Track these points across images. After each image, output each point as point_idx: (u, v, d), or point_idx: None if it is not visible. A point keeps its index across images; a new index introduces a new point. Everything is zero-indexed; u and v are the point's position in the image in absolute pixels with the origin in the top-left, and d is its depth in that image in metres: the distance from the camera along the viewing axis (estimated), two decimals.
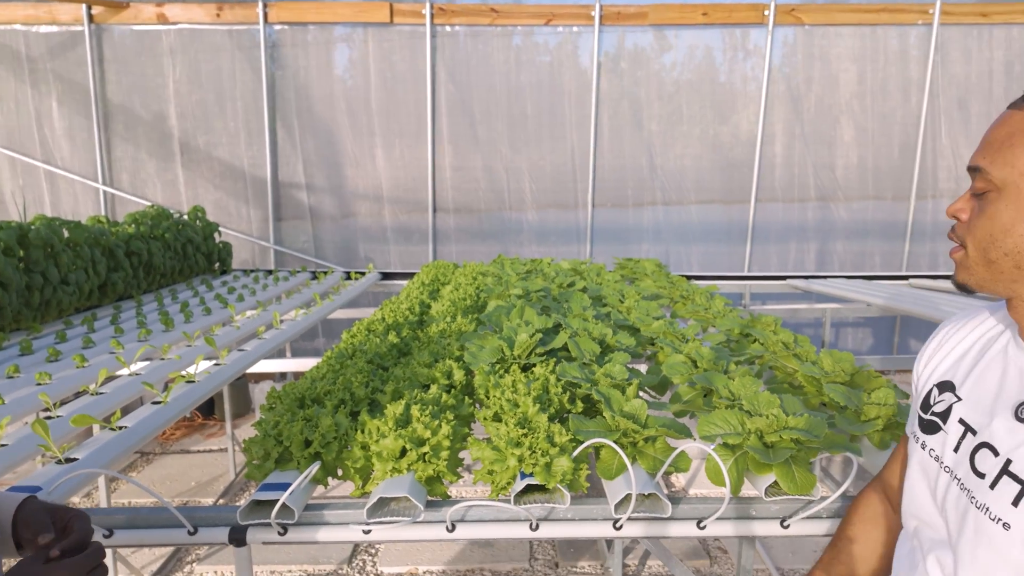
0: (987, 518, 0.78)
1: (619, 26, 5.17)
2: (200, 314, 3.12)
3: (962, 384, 0.91)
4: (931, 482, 0.91)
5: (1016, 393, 0.81)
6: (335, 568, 3.09)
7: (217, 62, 5.18)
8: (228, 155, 5.32)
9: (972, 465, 0.82)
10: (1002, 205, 0.80)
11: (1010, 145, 0.79)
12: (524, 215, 5.49)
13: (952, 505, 0.86)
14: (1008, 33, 5.17)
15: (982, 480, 0.80)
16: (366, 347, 2.13)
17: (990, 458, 0.80)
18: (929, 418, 0.94)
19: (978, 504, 0.80)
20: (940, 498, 0.89)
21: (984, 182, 0.82)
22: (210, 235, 4.51)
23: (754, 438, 1.39)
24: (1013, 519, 0.75)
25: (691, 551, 3.24)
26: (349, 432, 1.48)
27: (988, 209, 0.81)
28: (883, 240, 5.54)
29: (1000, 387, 0.84)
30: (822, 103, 5.32)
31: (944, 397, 0.93)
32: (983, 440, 0.82)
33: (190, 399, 1.92)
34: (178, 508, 1.30)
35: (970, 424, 0.86)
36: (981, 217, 0.82)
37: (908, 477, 0.99)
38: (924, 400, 0.97)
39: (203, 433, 4.76)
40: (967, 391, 0.90)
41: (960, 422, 0.88)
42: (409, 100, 5.26)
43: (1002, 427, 0.81)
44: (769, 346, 2.10)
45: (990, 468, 0.80)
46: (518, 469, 1.32)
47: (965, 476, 0.84)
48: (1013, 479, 0.76)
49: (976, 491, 0.81)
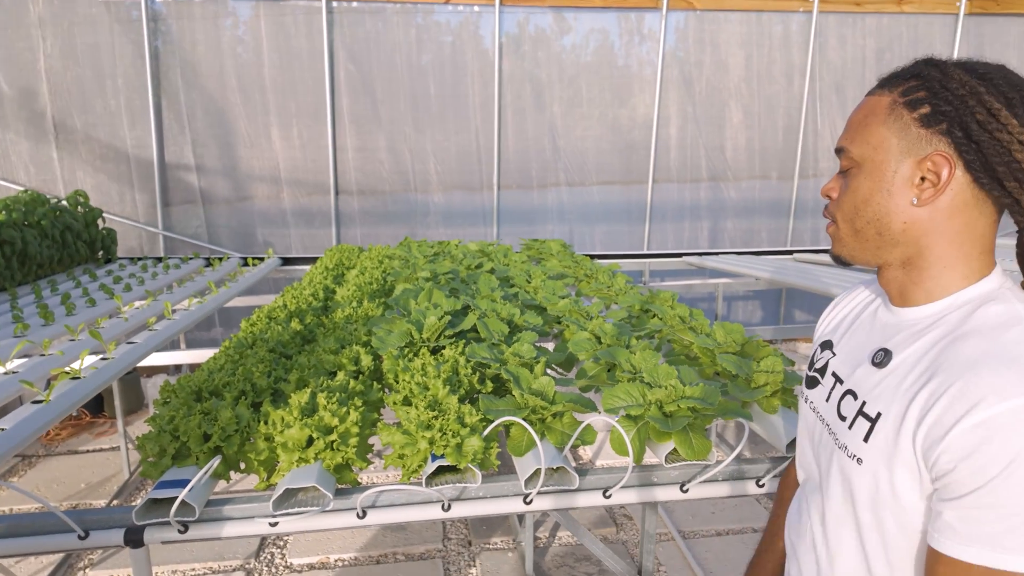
0: (845, 455, 0.88)
1: (519, 7, 5.18)
2: (84, 306, 2.92)
3: (839, 343, 1.01)
4: (811, 432, 1.02)
5: (878, 344, 0.91)
6: (242, 563, 3.00)
7: (94, 36, 4.79)
8: (109, 136, 4.96)
9: (838, 411, 0.93)
10: (862, 178, 0.88)
11: (865, 125, 0.88)
12: (430, 197, 5.44)
13: (822, 449, 0.96)
14: (879, 22, 5.57)
15: (843, 423, 0.90)
16: (267, 335, 2.07)
17: (851, 402, 0.90)
18: (811, 374, 1.05)
19: (839, 444, 0.90)
20: (815, 445, 0.99)
21: (848, 160, 0.91)
22: (92, 222, 4.21)
23: (654, 408, 1.45)
24: (864, 454, 0.84)
25: (599, 520, 3.36)
26: (251, 424, 1.44)
27: (851, 183, 0.90)
28: (770, 217, 5.87)
29: (866, 341, 0.94)
30: (713, 87, 5.55)
31: (824, 355, 1.03)
32: (848, 388, 0.92)
33: (75, 397, 1.80)
34: (67, 512, 1.23)
35: (839, 375, 0.96)
36: (846, 192, 0.91)
37: (797, 432, 1.09)
38: (811, 360, 1.08)
39: (92, 432, 4.48)
40: (841, 347, 1.00)
41: (833, 375, 0.98)
42: (306, 78, 5.08)
43: (861, 373, 0.91)
44: (667, 320, 2.19)
45: (850, 411, 0.90)
46: (429, 451, 1.32)
47: (832, 421, 0.94)
48: (865, 418, 0.86)
49: (839, 433, 0.91)
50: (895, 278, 0.90)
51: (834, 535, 0.92)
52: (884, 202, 0.86)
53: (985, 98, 0.80)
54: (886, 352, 0.88)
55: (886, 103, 0.87)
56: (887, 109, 0.86)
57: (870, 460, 0.83)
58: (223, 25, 4.94)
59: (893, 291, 0.92)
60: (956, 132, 0.81)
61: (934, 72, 0.84)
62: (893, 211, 0.86)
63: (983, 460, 0.70)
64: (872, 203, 0.87)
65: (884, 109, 0.86)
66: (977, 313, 0.81)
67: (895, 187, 0.85)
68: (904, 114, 0.84)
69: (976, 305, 0.82)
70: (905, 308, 0.90)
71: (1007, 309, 0.79)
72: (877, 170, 0.87)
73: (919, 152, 0.83)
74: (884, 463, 0.81)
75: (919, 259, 0.87)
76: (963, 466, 0.72)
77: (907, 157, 0.84)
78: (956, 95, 0.81)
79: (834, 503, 0.91)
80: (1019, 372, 0.71)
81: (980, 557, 0.71)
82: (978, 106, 0.80)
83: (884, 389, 0.85)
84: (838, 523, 0.91)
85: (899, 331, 0.89)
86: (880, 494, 0.82)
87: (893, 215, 0.86)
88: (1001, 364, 0.73)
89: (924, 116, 0.83)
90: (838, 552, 0.91)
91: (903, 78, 0.87)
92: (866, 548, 0.87)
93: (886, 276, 0.92)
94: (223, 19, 4.92)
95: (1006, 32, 5.65)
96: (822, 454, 0.96)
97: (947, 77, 0.82)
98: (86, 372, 1.97)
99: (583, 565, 2.98)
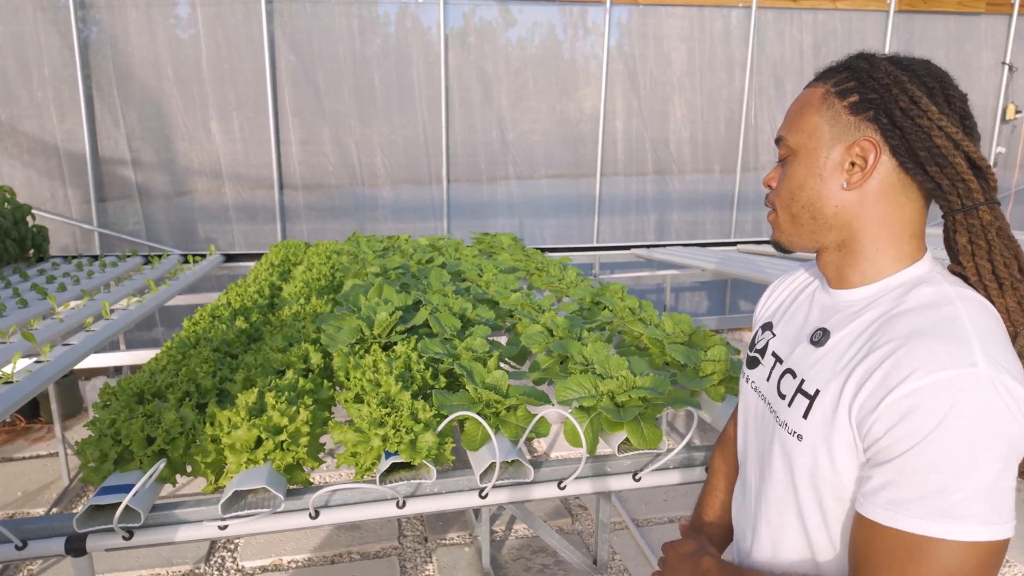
0: (786, 432, 0.91)
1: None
2: (14, 307, 2.79)
3: (778, 324, 1.05)
4: (752, 411, 1.04)
5: (816, 324, 0.95)
6: (192, 568, 2.93)
7: (16, 23, 4.56)
8: (36, 129, 4.73)
9: (778, 389, 0.96)
10: (797, 165, 0.92)
11: (801, 114, 0.93)
12: (378, 191, 5.36)
13: (763, 428, 0.98)
14: (815, 17, 5.74)
15: (783, 400, 0.93)
16: (211, 334, 2.01)
17: (790, 381, 0.93)
18: (752, 355, 1.08)
19: (780, 422, 0.93)
20: (757, 423, 1.02)
21: (785, 149, 0.95)
22: (21, 219, 4.01)
23: (606, 399, 1.47)
24: (804, 430, 0.87)
25: (554, 511, 3.39)
26: (197, 426, 1.40)
27: (788, 170, 0.94)
28: (714, 210, 6.00)
29: (804, 322, 0.98)
30: (656, 81, 5.63)
31: (764, 336, 1.07)
32: (788, 367, 0.95)
33: (8, 402, 1.72)
34: (3, 521, 1.18)
35: (779, 355, 1.00)
36: (783, 179, 0.95)
37: (739, 412, 1.12)
38: (752, 341, 1.11)
39: (28, 438, 4.29)
40: (780, 328, 1.04)
41: (773, 355, 1.01)
42: (246, 69, 4.93)
43: (800, 352, 0.94)
44: (617, 312, 2.22)
45: (789, 390, 0.93)
46: (383, 449, 1.31)
47: (773, 399, 0.96)
48: (804, 395, 0.89)
49: (779, 411, 0.94)
50: (832, 261, 0.94)
51: (776, 512, 0.94)
52: (817, 187, 0.90)
53: (908, 87, 0.85)
54: (824, 332, 0.91)
55: (819, 93, 0.91)
56: (820, 99, 0.91)
57: (809, 436, 0.86)
58: (156, 14, 4.75)
59: (830, 274, 0.95)
60: (882, 119, 0.86)
61: (863, 64, 0.89)
62: (825, 195, 0.90)
63: (908, 428, 0.74)
64: (806, 188, 0.91)
65: (818, 99, 0.91)
66: (910, 294, 0.84)
67: (827, 172, 0.89)
68: (835, 103, 0.89)
69: (909, 287, 0.86)
70: (842, 290, 0.93)
71: (938, 290, 0.83)
72: (810, 156, 0.91)
73: (848, 138, 0.88)
74: (823, 439, 0.84)
75: (853, 242, 0.90)
76: (890, 434, 0.75)
77: (837, 143, 0.88)
78: (882, 84, 0.86)
79: (775, 480, 0.93)
80: (948, 347, 0.75)
81: (893, 520, 0.74)
82: (901, 94, 0.85)
83: (822, 367, 0.88)
84: (780, 500, 0.93)
85: (836, 312, 0.92)
86: (820, 470, 0.85)
87: (825, 199, 0.90)
88: (932, 340, 0.76)
89: (853, 104, 0.88)
90: (780, 528, 0.94)
91: (836, 71, 0.92)
92: (807, 524, 0.90)
93: (823, 259, 0.96)
94: (156, 7, 4.74)
95: (933, 29, 5.90)
96: (763, 433, 0.98)
97: (874, 68, 0.88)
98: (19, 376, 1.88)
99: (540, 557, 3.00)
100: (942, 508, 0.72)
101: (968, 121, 0.86)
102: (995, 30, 5.99)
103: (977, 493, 0.71)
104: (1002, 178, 6.41)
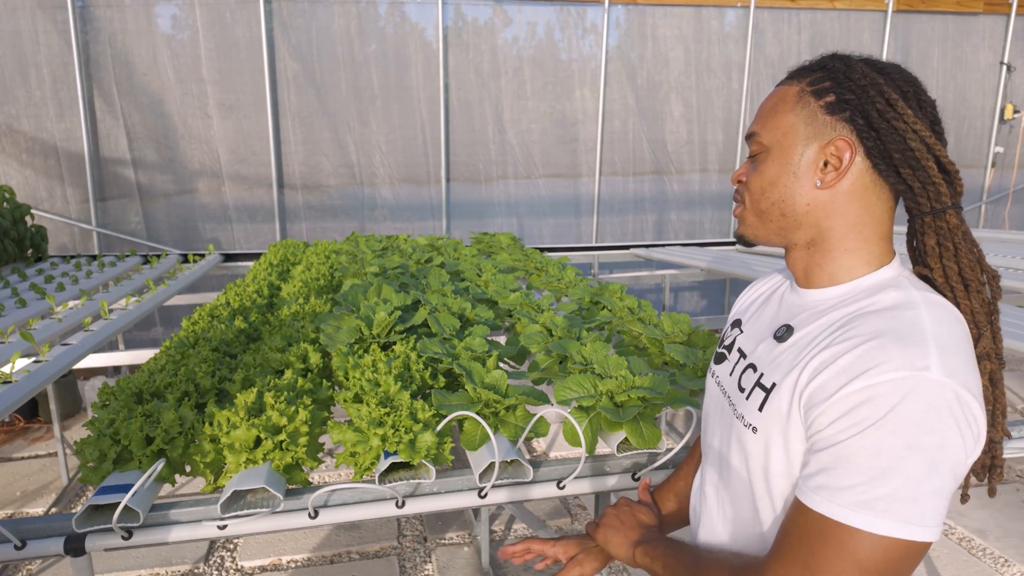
0: (742, 424, 0.92)
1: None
2: (13, 307, 2.79)
3: (747, 322, 1.06)
4: (714, 404, 1.06)
5: (780, 321, 0.96)
6: (191, 568, 2.93)
7: (14, 23, 4.56)
8: (35, 129, 4.72)
9: (739, 383, 0.97)
10: (770, 162, 0.92)
11: (775, 112, 0.93)
12: (377, 191, 5.36)
13: (723, 421, 1.00)
14: (813, 17, 5.75)
15: (742, 394, 0.95)
16: (210, 334, 2.01)
17: (751, 375, 0.94)
18: (720, 350, 1.09)
19: (737, 415, 0.94)
20: (718, 418, 1.03)
21: (757, 145, 0.94)
22: (20, 219, 4.01)
23: (605, 399, 1.47)
24: (759, 423, 0.88)
25: (553, 511, 3.39)
26: (196, 425, 1.40)
27: (760, 167, 0.94)
28: (713, 209, 6.01)
29: (772, 320, 0.99)
30: (654, 80, 5.63)
31: (733, 332, 1.08)
32: (750, 361, 0.97)
33: (7, 401, 1.72)
34: (2, 521, 1.18)
35: (744, 351, 1.01)
36: (754, 175, 0.94)
37: (703, 407, 1.13)
38: (721, 338, 1.13)
39: (27, 438, 4.29)
40: (748, 325, 1.05)
41: (739, 350, 1.02)
42: (245, 69, 4.93)
43: (763, 347, 0.95)
44: (616, 312, 2.22)
45: (749, 383, 0.94)
46: (382, 448, 1.31)
47: (733, 393, 0.98)
48: (761, 388, 0.90)
49: (738, 404, 0.95)
50: (800, 259, 0.95)
51: (730, 504, 0.97)
52: (790, 184, 0.90)
53: (884, 89, 0.86)
54: (788, 328, 0.92)
55: (794, 92, 0.92)
56: (795, 97, 0.91)
57: (764, 428, 0.87)
58: (156, 12, 4.75)
59: (799, 272, 0.96)
60: (858, 119, 0.86)
61: (839, 64, 0.90)
62: (798, 193, 0.90)
63: (852, 420, 0.75)
64: (779, 185, 0.91)
65: (793, 97, 0.91)
66: (876, 297, 0.85)
67: (801, 170, 0.89)
68: (811, 102, 0.89)
69: (876, 291, 0.87)
70: (809, 289, 0.94)
71: (904, 294, 0.84)
72: (784, 154, 0.91)
73: (823, 137, 0.88)
74: (779, 431, 0.85)
75: (822, 241, 0.91)
76: (834, 424, 0.76)
77: (812, 142, 0.89)
78: (859, 85, 0.87)
79: (732, 473, 0.95)
80: (906, 350, 0.76)
81: (820, 506, 0.76)
82: (878, 96, 0.85)
83: (781, 361, 0.89)
84: (735, 492, 0.95)
85: (803, 310, 0.93)
86: (772, 461, 0.86)
87: (798, 197, 0.90)
88: (891, 342, 0.77)
89: (829, 104, 0.88)
90: (735, 520, 0.96)
91: (811, 70, 0.92)
92: (761, 515, 0.91)
93: (792, 257, 0.96)
94: (154, 6, 4.74)
95: (931, 28, 5.90)
96: (723, 426, 1.00)
97: (850, 69, 0.88)
98: (18, 376, 1.88)
99: None
100: (865, 501, 0.73)
101: (937, 127, 0.88)
102: (993, 30, 5.99)
103: (902, 491, 0.72)
104: (1000, 178, 6.42)
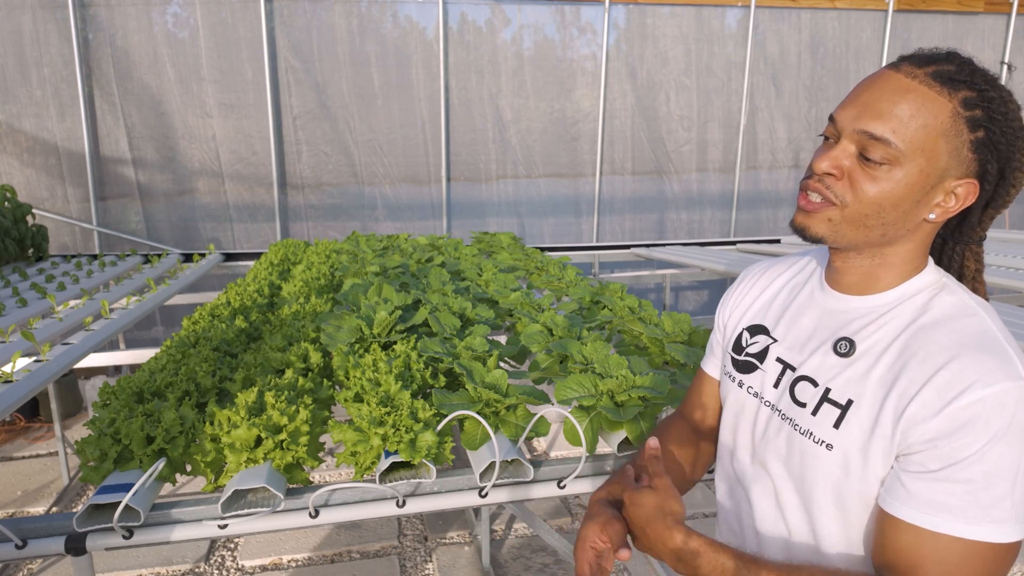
0: (811, 442, 0.90)
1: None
2: (14, 306, 2.79)
3: (775, 327, 1.02)
4: (750, 416, 1.02)
5: (831, 331, 0.93)
6: (192, 567, 2.93)
7: (15, 22, 4.56)
8: (36, 128, 4.73)
9: (794, 397, 0.94)
10: (901, 179, 0.82)
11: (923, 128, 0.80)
12: (378, 190, 5.36)
13: (774, 434, 0.97)
14: (813, 16, 5.74)
15: (803, 408, 0.92)
16: (211, 334, 2.01)
17: (810, 388, 0.92)
18: (745, 359, 1.05)
19: (801, 431, 0.91)
20: (761, 429, 1.00)
21: (884, 151, 0.81)
22: (21, 218, 4.01)
23: (606, 398, 1.47)
24: (835, 440, 0.87)
25: (554, 511, 3.39)
26: (196, 425, 1.40)
27: (881, 180, 0.82)
28: (713, 209, 6.00)
29: (815, 328, 0.96)
30: (654, 80, 5.63)
31: (758, 339, 1.04)
32: (803, 374, 0.94)
33: (8, 401, 1.72)
34: (3, 520, 1.18)
35: (788, 362, 0.98)
36: (871, 184, 0.83)
37: (725, 415, 1.09)
38: (736, 343, 1.08)
39: (27, 437, 4.29)
40: (782, 333, 1.01)
41: (778, 360, 0.99)
42: (246, 68, 4.93)
43: (818, 361, 0.93)
44: (617, 311, 2.22)
45: (810, 398, 0.92)
46: (382, 448, 1.31)
47: (786, 407, 0.95)
48: (833, 405, 0.88)
49: (799, 420, 0.92)
50: (860, 266, 0.91)
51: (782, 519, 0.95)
52: (910, 210, 0.84)
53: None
54: (850, 342, 0.90)
55: (948, 112, 0.80)
56: (950, 120, 0.80)
57: (841, 446, 0.86)
58: (156, 12, 4.75)
59: (852, 278, 0.92)
60: (993, 166, 0.82)
61: (992, 91, 0.81)
62: (911, 218, 0.85)
63: (966, 438, 0.75)
64: (900, 208, 0.84)
65: (947, 118, 0.80)
66: (934, 303, 0.85)
67: (924, 198, 0.84)
68: (964, 131, 0.81)
69: (928, 295, 0.87)
70: (855, 296, 0.92)
71: (959, 300, 0.85)
72: (922, 178, 0.82)
73: (958, 172, 0.83)
74: (858, 448, 0.84)
75: (892, 255, 0.89)
76: (944, 443, 0.76)
77: (948, 175, 0.83)
78: (1012, 129, 0.81)
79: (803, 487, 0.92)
80: (997, 359, 0.77)
81: (946, 527, 0.76)
82: (1021, 154, 0.82)
83: (851, 376, 0.87)
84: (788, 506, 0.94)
85: (852, 318, 0.91)
86: (850, 477, 0.85)
87: (909, 221, 0.85)
88: (979, 352, 0.78)
89: (978, 141, 0.81)
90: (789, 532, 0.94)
91: (959, 81, 0.81)
92: (817, 528, 0.90)
93: (851, 262, 0.91)
94: (156, 5, 4.74)
95: (932, 28, 5.89)
96: (771, 439, 0.97)
97: (1004, 104, 0.81)
98: (18, 375, 1.88)
99: (539, 556, 3.00)
100: (990, 514, 0.74)
101: None
102: (994, 29, 5.99)
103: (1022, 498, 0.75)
104: None
